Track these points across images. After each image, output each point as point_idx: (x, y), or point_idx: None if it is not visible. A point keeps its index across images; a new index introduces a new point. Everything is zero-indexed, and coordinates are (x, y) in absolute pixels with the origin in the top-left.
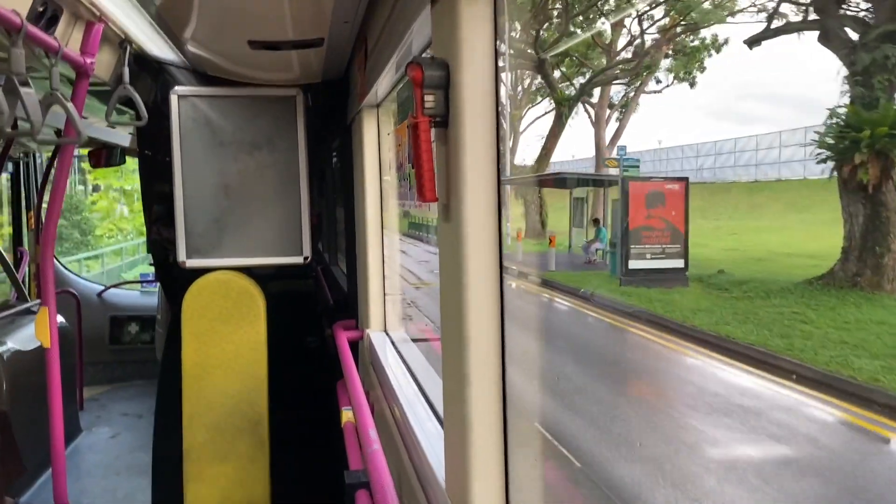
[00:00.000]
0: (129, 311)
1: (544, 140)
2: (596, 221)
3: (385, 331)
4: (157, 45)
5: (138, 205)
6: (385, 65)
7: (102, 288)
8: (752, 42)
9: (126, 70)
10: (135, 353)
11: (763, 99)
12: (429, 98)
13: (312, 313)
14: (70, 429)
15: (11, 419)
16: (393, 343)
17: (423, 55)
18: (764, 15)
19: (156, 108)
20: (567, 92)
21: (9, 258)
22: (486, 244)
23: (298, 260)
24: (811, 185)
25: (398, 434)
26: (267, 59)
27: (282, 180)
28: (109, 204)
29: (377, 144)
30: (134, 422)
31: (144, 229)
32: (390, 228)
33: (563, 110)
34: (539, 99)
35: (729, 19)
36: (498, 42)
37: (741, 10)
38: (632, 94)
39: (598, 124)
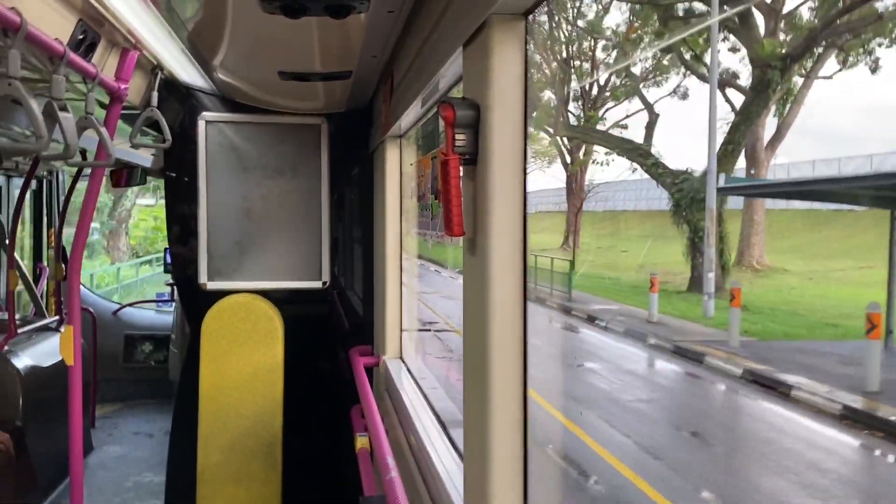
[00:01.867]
0: (144, 330)
1: (730, 127)
2: None
3: (401, 358)
4: (187, 72)
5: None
6: (412, 99)
7: (119, 306)
8: None
9: (155, 94)
10: (148, 372)
11: None
12: (459, 137)
13: (329, 337)
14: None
15: (26, 434)
16: (409, 370)
17: (452, 93)
18: None
19: (183, 133)
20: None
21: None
22: (511, 279)
23: (317, 284)
24: None
25: (414, 463)
26: (294, 88)
27: (303, 206)
28: None
29: (399, 174)
30: (145, 441)
31: None
32: (409, 257)
33: (769, 75)
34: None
35: None
36: (528, 85)
37: None
38: (799, 79)
39: None
